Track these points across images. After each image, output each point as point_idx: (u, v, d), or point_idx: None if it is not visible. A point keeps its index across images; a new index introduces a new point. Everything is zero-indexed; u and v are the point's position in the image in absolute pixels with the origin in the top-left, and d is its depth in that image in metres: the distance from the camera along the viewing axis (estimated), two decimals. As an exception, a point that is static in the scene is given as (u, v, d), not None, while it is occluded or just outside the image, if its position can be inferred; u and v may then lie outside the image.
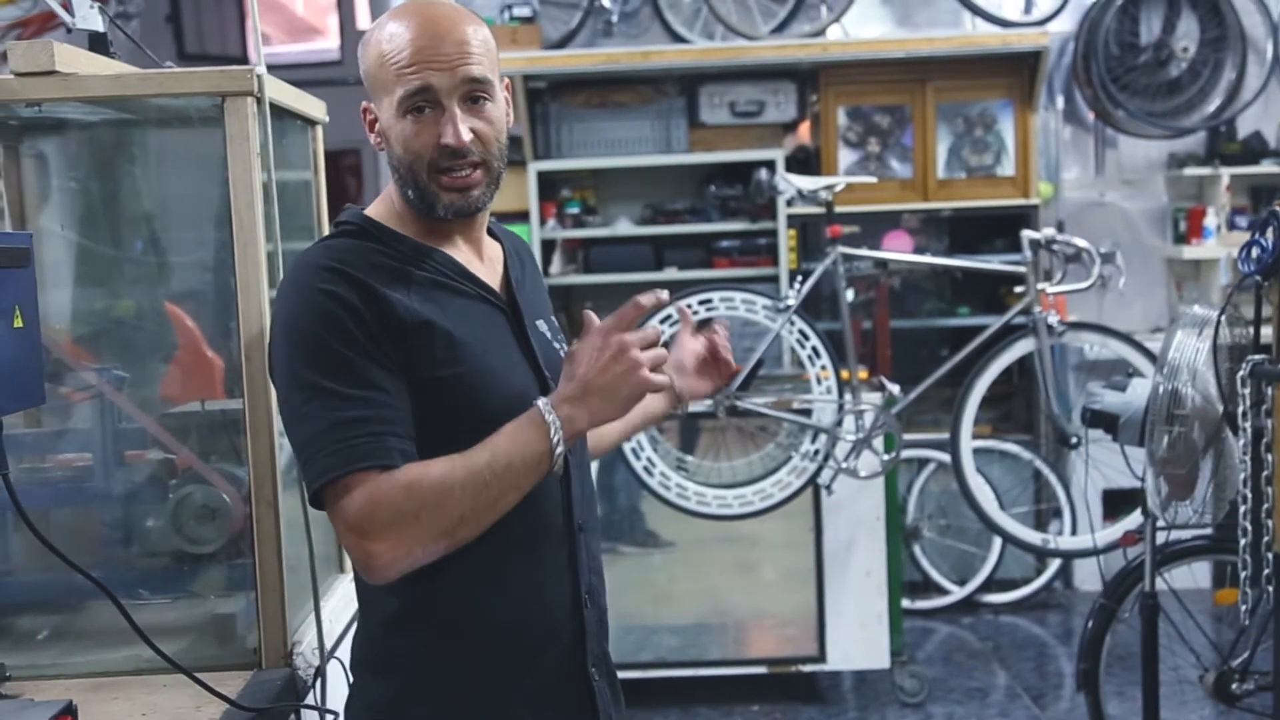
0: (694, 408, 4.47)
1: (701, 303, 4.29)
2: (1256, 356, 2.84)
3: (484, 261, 1.85)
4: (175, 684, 1.83)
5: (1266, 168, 6.16)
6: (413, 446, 1.65)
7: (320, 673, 2.02)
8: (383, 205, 1.82)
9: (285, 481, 2.02)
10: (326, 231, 2.39)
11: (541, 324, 1.89)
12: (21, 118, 2.05)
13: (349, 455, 1.60)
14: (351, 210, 1.82)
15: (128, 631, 1.74)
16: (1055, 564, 5.95)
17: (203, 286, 2.25)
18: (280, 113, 2.11)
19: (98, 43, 2.10)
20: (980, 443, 5.71)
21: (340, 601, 2.28)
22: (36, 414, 2.19)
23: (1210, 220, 6.11)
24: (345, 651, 2.16)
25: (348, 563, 2.44)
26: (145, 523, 2.13)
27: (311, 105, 2.28)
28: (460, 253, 1.81)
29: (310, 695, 2.00)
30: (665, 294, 1.78)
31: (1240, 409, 2.87)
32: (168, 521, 2.09)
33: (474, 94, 1.73)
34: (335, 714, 2.02)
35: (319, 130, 2.36)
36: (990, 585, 5.94)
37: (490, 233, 1.92)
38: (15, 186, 2.19)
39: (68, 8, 2.08)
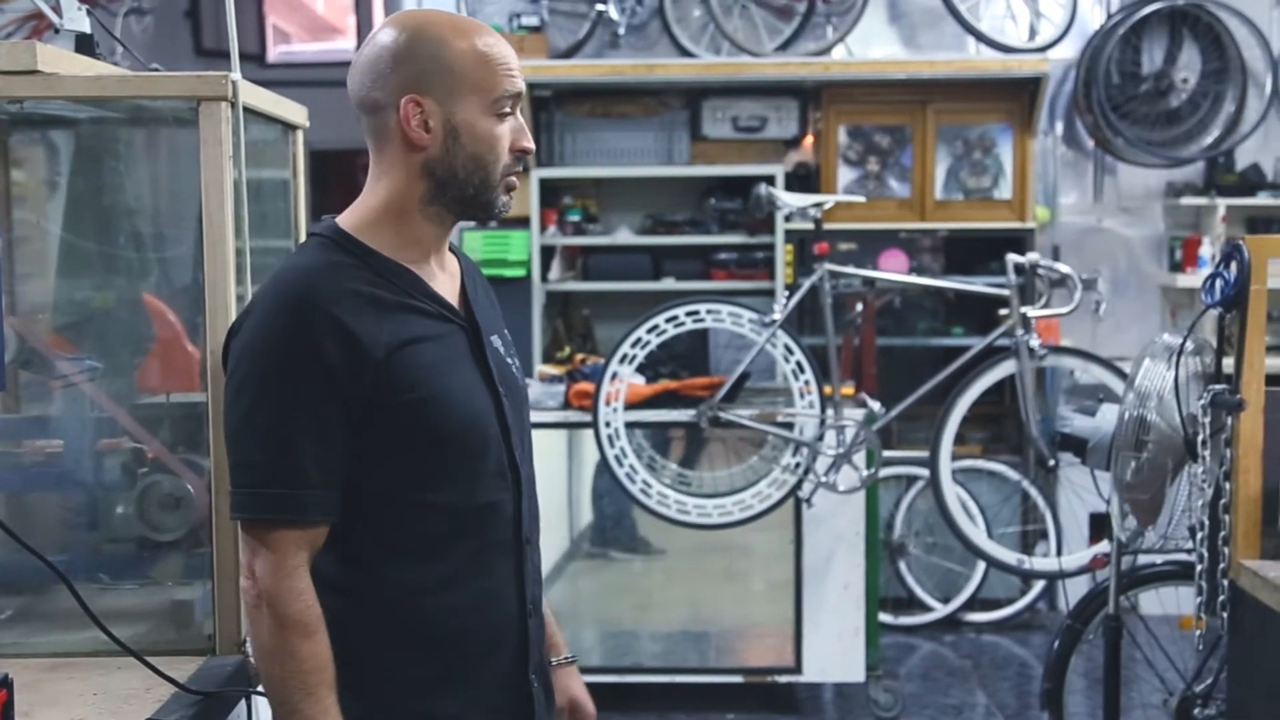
0: (679, 417, 4.57)
1: (689, 314, 4.34)
2: (1217, 386, 2.89)
3: (445, 274, 1.90)
4: (129, 667, 1.89)
5: (1263, 200, 6.19)
6: (334, 495, 1.74)
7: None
8: (357, 214, 1.84)
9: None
10: (304, 232, 2.46)
11: (496, 339, 1.93)
12: (6, 113, 2.12)
13: (265, 503, 1.72)
14: (327, 224, 1.85)
15: (84, 614, 1.80)
16: (1039, 585, 5.98)
17: (182, 280, 2.32)
18: (260, 117, 2.18)
19: (84, 44, 2.16)
20: (969, 463, 5.76)
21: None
22: (11, 401, 2.25)
23: (1205, 250, 6.14)
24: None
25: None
26: (113, 510, 2.19)
27: (291, 110, 2.34)
28: (428, 267, 1.85)
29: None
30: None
31: (1200, 437, 2.92)
32: (133, 509, 2.15)
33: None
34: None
35: (299, 134, 2.42)
36: (974, 604, 5.98)
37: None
38: (0, 179, 2.26)
39: (56, 9, 2.15)
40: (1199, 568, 2.95)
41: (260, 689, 2.02)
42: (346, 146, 9.94)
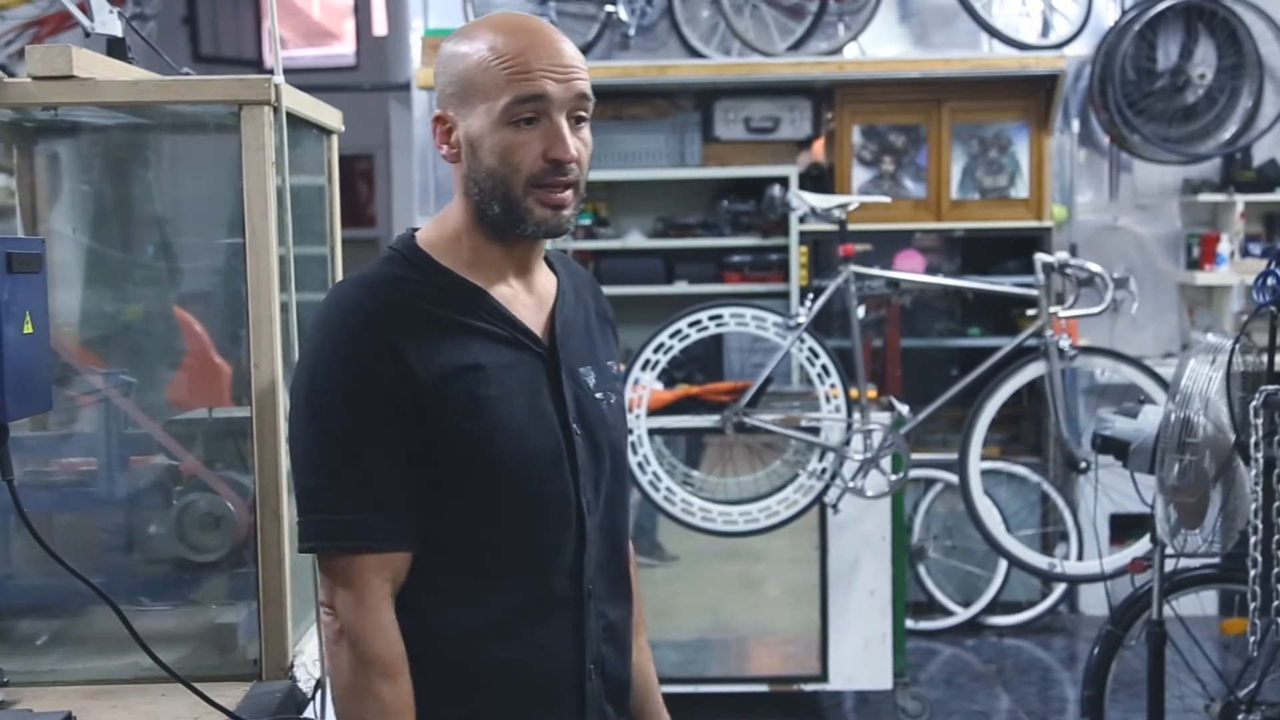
0: (703, 423, 4.50)
1: (712, 318, 4.28)
2: (1270, 387, 2.83)
3: (532, 297, 1.77)
4: (174, 693, 1.82)
5: (1281, 196, 6.15)
6: (404, 520, 1.65)
7: (321, 685, 2.01)
8: (436, 229, 1.76)
9: (290, 491, 2.01)
10: (339, 240, 2.40)
11: (587, 371, 1.79)
12: (37, 120, 2.05)
13: (333, 530, 1.63)
14: (403, 237, 1.76)
15: (127, 639, 1.73)
16: (1060, 587, 5.92)
17: (213, 292, 2.25)
18: (296, 121, 2.11)
19: (116, 47, 2.09)
20: (988, 464, 5.69)
21: (342, 612, 2.27)
22: (42, 418, 2.18)
23: (1223, 247, 6.09)
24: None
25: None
26: (148, 529, 2.12)
27: (328, 114, 2.28)
28: (507, 287, 1.74)
29: (310, 708, 1.98)
30: None
31: (1253, 439, 2.86)
32: (171, 528, 2.08)
33: (579, 112, 1.68)
34: (334, 727, 2.01)
35: (334, 139, 2.36)
36: (995, 607, 5.92)
37: (548, 264, 1.84)
38: (28, 188, 2.19)
39: (86, 11, 2.08)
40: (1252, 572, 2.89)
41: (308, 717, 1.96)
42: (346, 153, 9.92)
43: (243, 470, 2.07)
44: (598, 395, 1.80)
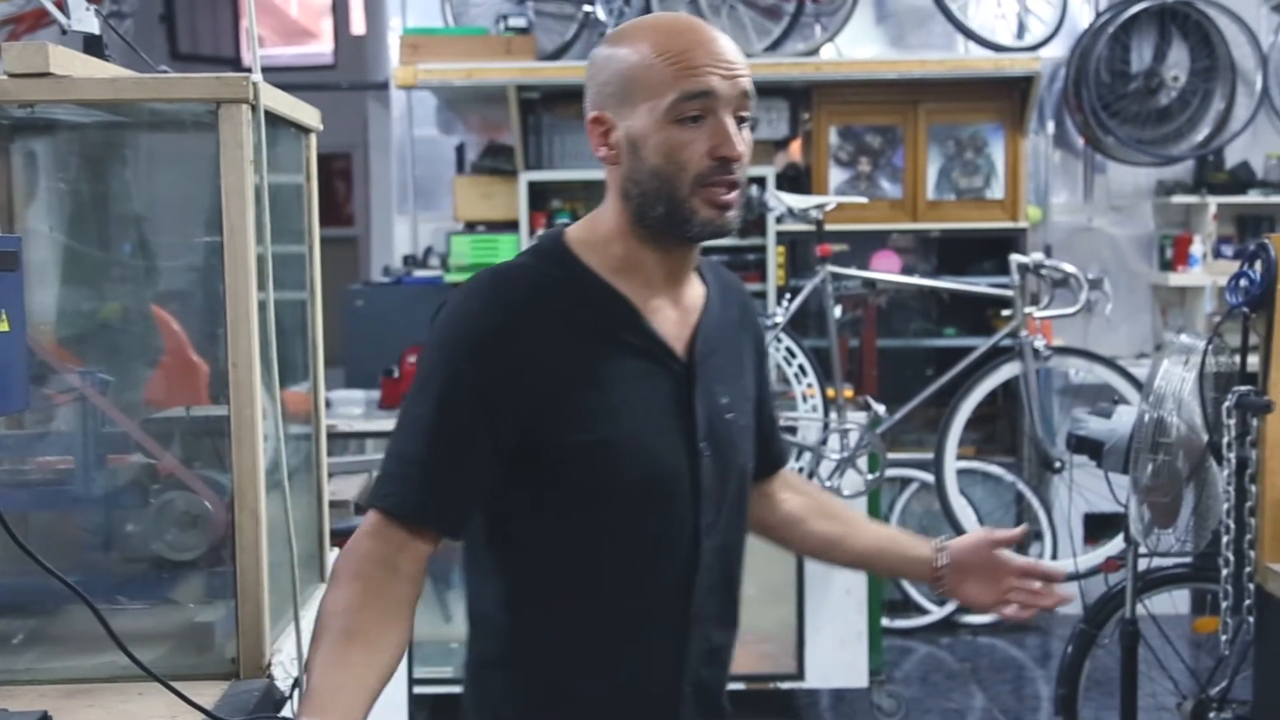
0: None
1: (689, 318, 4.28)
2: (1243, 387, 2.85)
3: (678, 309, 1.73)
4: (150, 692, 1.81)
5: (1253, 198, 6.19)
6: (441, 507, 1.63)
7: (298, 684, 2.01)
8: (587, 229, 1.72)
9: (268, 489, 2.01)
10: (318, 238, 2.39)
11: (722, 389, 1.75)
12: (13, 118, 2.04)
13: (380, 493, 1.64)
14: (552, 233, 1.74)
15: (104, 638, 1.72)
16: (1035, 587, 5.94)
17: (190, 290, 2.24)
18: (274, 120, 2.10)
19: (93, 45, 2.08)
20: (964, 464, 5.72)
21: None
22: (19, 416, 2.17)
23: (1196, 248, 6.13)
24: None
25: (329, 571, 2.42)
26: (125, 528, 2.11)
27: (306, 113, 2.27)
28: (654, 296, 1.70)
29: (288, 706, 1.98)
30: None
31: (1225, 439, 2.88)
32: (148, 527, 2.07)
33: (743, 113, 1.64)
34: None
35: (313, 138, 2.35)
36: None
37: (699, 273, 1.80)
38: (5, 186, 2.18)
39: (62, 8, 2.07)
40: (1224, 572, 2.91)
41: (285, 715, 1.95)
42: (324, 152, 9.88)
43: (220, 469, 2.06)
44: (728, 415, 1.75)
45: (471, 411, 1.62)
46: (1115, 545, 4.06)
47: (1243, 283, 2.81)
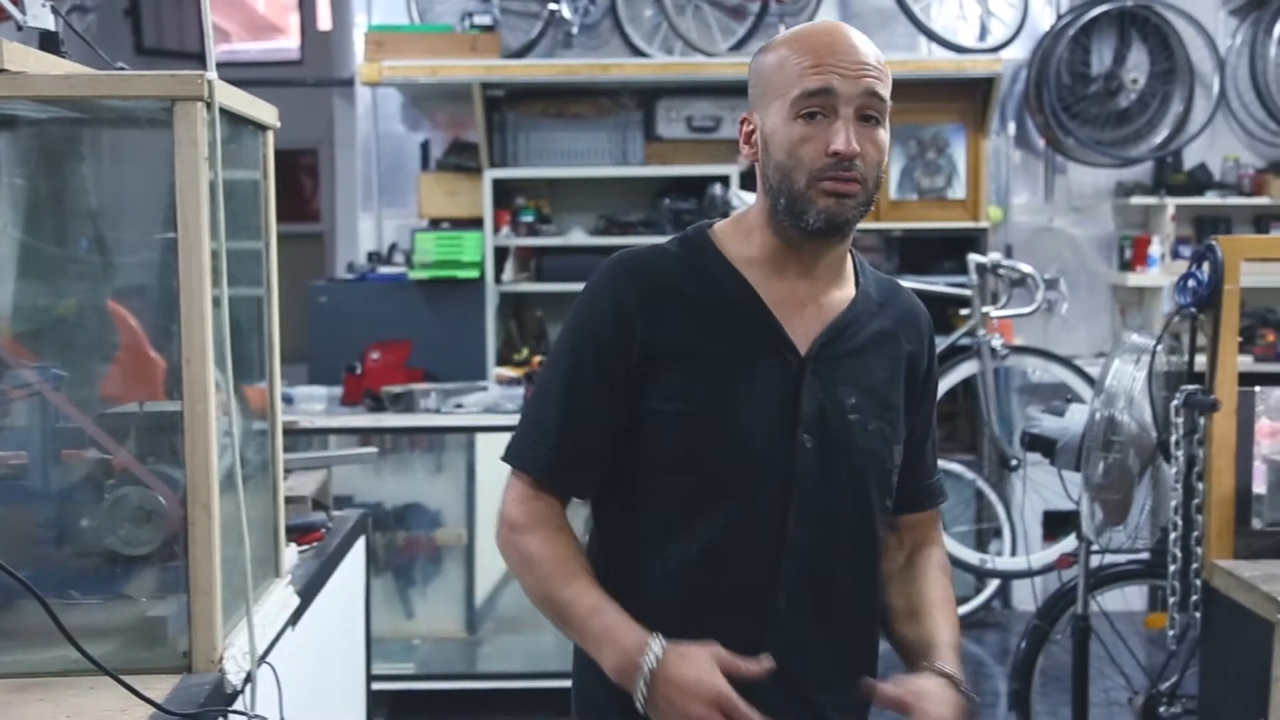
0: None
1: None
2: (1190, 386, 2.90)
3: (813, 305, 1.80)
4: (102, 686, 1.82)
5: (1211, 199, 6.26)
6: (571, 464, 1.79)
7: (251, 678, 2.02)
8: (733, 223, 1.84)
9: (223, 485, 2.02)
10: (274, 235, 2.41)
11: (848, 390, 1.79)
12: (-33, 113, 2.04)
13: (525, 456, 1.81)
14: (700, 224, 1.86)
15: (55, 632, 1.73)
16: (994, 584, 5.99)
17: (148, 286, 2.24)
18: (231, 117, 2.11)
19: (48, 41, 2.09)
20: (924, 462, 5.75)
21: (275, 606, 2.28)
22: (-28, 411, 2.18)
23: (1155, 249, 6.20)
24: (276, 656, 2.17)
25: (284, 566, 2.44)
26: (79, 523, 2.11)
27: (263, 111, 2.28)
28: (785, 289, 1.78)
29: (240, 700, 1.99)
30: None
31: (1174, 437, 2.93)
32: (102, 522, 2.07)
33: (868, 111, 1.71)
34: (264, 720, 2.02)
35: (269, 135, 2.36)
36: (930, 603, 5.97)
37: (864, 286, 1.85)
38: (-41, 182, 2.18)
39: (18, 4, 2.07)
40: (1172, 568, 2.96)
41: (238, 708, 1.97)
42: (289, 147, 9.83)
43: (175, 464, 2.07)
44: (852, 416, 1.79)
45: (598, 373, 1.76)
46: (1070, 542, 4.10)
47: (1190, 283, 2.86)
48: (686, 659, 1.64)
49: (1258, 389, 2.90)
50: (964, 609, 6.01)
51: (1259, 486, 2.90)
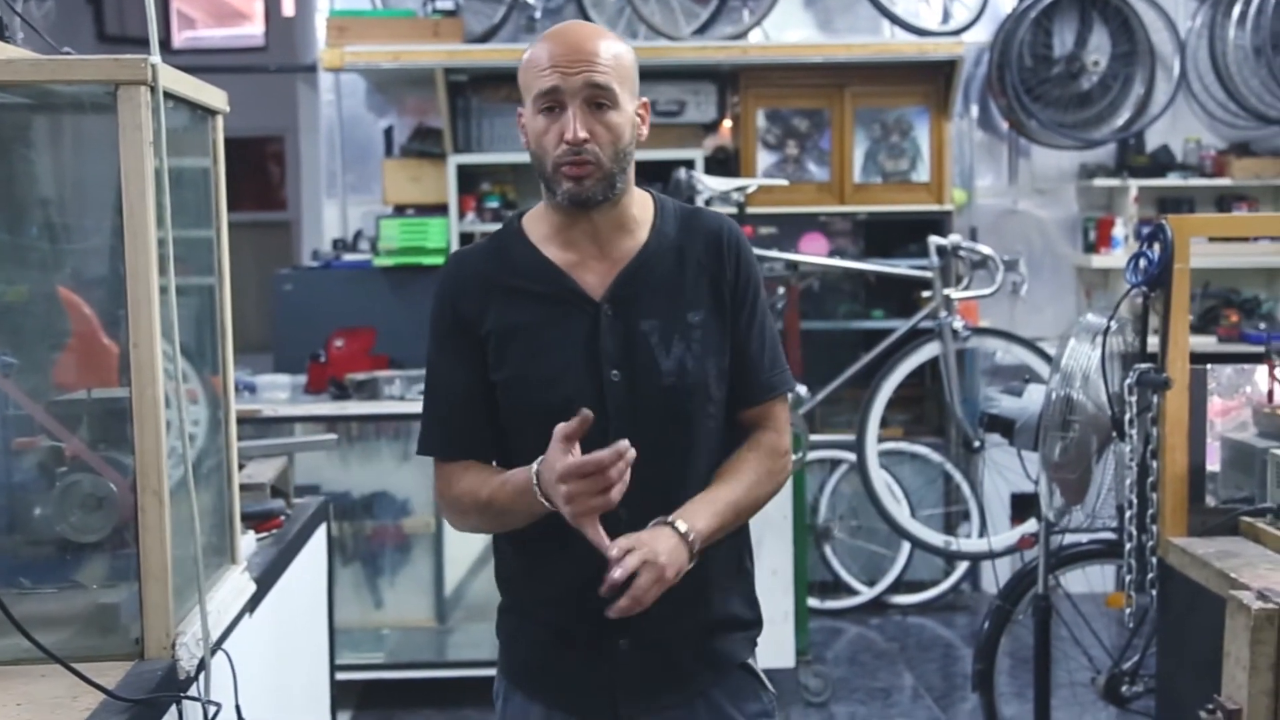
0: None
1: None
2: (1143, 365, 2.92)
3: (605, 261, 2.04)
4: (53, 674, 1.81)
5: (1173, 180, 6.30)
6: (464, 436, 2.09)
7: (204, 665, 2.01)
8: (538, 207, 2.11)
9: (173, 471, 2.01)
10: (225, 222, 2.39)
11: (651, 324, 2.02)
12: (-89, 99, 2.02)
13: (428, 442, 2.12)
14: (517, 212, 2.16)
15: (4, 620, 1.72)
16: (963, 566, 6.03)
17: (100, 273, 2.23)
18: (179, 101, 2.10)
19: (-8, 26, 2.07)
20: (891, 445, 5.79)
21: (230, 593, 2.27)
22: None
23: (1119, 230, 6.23)
24: (232, 643, 2.17)
25: (240, 554, 2.43)
26: (30, 511, 2.10)
27: (211, 95, 2.26)
28: (578, 253, 2.04)
29: (194, 687, 1.99)
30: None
31: (1128, 416, 2.95)
32: (53, 510, 2.06)
33: (598, 99, 1.95)
34: (218, 705, 2.02)
35: (219, 120, 2.34)
36: (899, 586, 6.02)
37: (659, 228, 2.06)
38: (-95, 169, 2.15)
39: (-39, -10, 2.05)
40: (1127, 546, 2.98)
41: (191, 693, 1.96)
42: (253, 134, 9.79)
43: (127, 451, 2.06)
44: (654, 340, 2.02)
45: (455, 359, 2.07)
46: (1034, 524, 4.13)
47: (1142, 263, 2.88)
48: (544, 462, 1.89)
49: (1209, 367, 2.92)
50: (933, 592, 6.06)
51: (1212, 464, 2.92)
